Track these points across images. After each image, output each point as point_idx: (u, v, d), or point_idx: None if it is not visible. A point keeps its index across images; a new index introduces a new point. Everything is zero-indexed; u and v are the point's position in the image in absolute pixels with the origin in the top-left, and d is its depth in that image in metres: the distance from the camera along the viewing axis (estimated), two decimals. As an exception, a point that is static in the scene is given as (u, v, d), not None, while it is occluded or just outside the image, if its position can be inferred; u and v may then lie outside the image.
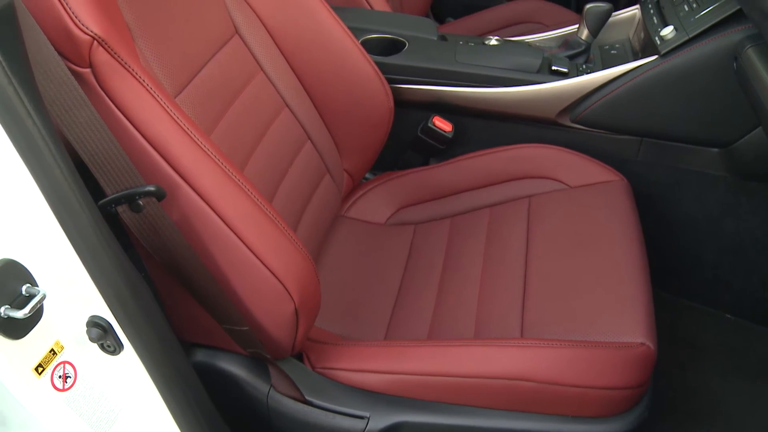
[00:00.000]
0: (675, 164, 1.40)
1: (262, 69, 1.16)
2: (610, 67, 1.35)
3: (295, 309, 0.91)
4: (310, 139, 1.23)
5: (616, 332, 0.99)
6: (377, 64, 1.28)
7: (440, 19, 2.51)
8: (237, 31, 1.14)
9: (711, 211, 1.43)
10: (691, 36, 1.25)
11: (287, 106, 1.20)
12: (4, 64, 0.61)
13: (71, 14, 0.76)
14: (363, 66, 1.24)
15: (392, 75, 1.39)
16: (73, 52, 0.77)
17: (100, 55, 0.78)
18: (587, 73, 1.36)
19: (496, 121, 1.46)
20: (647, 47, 1.40)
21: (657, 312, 1.05)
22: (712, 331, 1.54)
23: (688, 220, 1.46)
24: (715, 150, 1.35)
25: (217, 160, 0.85)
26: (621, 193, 1.27)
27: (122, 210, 0.81)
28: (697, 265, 1.52)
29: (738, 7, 1.19)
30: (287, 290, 0.88)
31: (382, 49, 1.46)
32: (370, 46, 1.46)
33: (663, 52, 1.28)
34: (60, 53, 0.77)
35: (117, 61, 0.79)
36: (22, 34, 0.66)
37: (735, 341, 1.52)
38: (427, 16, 2.41)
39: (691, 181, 1.41)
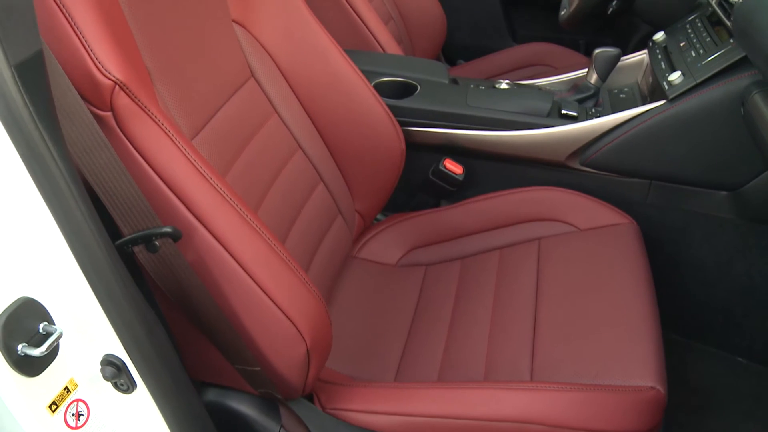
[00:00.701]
0: (684, 207, 1.40)
1: (276, 111, 1.19)
2: (619, 111, 1.36)
3: (307, 350, 0.91)
4: (322, 180, 1.25)
5: (626, 376, 0.98)
6: (389, 107, 1.30)
7: (451, 61, 2.55)
8: (253, 74, 1.17)
9: (721, 253, 1.43)
10: (698, 81, 1.27)
11: (301, 148, 1.22)
12: (31, 109, 0.63)
13: (95, 60, 0.78)
14: (375, 109, 1.27)
15: (404, 118, 1.41)
16: (95, 96, 0.79)
17: (121, 99, 0.80)
18: (596, 117, 1.38)
19: (507, 164, 1.47)
20: (655, 91, 1.42)
21: (667, 355, 1.05)
22: (723, 375, 1.53)
23: (698, 262, 1.46)
24: (724, 193, 1.36)
25: (232, 203, 0.86)
26: (630, 236, 1.28)
27: (138, 250, 0.82)
28: (708, 307, 1.51)
29: (743, 53, 1.21)
30: (299, 332, 0.89)
31: (394, 91, 1.49)
32: (383, 89, 1.48)
33: (671, 96, 1.30)
34: (83, 97, 0.79)
35: (137, 104, 0.81)
36: (49, 79, 0.68)
37: (747, 386, 1.51)
38: (438, 58, 2.44)
39: (701, 223, 1.41)
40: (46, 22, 0.77)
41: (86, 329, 0.71)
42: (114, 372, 0.73)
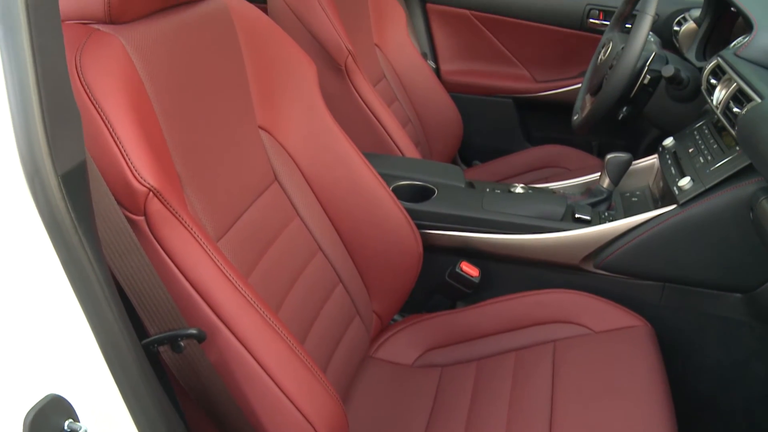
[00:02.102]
0: (699, 309, 1.41)
1: (298, 214, 1.23)
2: (631, 215, 1.39)
3: (326, 451, 0.92)
4: (341, 281, 1.28)
5: (644, 482, 0.98)
6: (407, 210, 1.33)
7: (468, 162, 2.59)
8: (276, 178, 1.22)
9: (738, 356, 1.42)
10: (707, 187, 1.30)
11: (321, 249, 1.25)
12: (72, 215, 0.67)
13: (132, 167, 0.83)
14: (394, 212, 1.30)
15: (422, 221, 1.45)
16: (130, 202, 0.83)
17: (154, 205, 0.84)
18: (609, 221, 1.41)
19: (522, 267, 1.49)
20: (666, 195, 1.45)
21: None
22: (745, 483, 1.50)
23: (715, 365, 1.45)
24: (739, 295, 1.36)
25: (255, 305, 0.89)
26: (645, 339, 1.29)
27: (164, 350, 0.85)
28: (727, 412, 1.49)
29: (750, 161, 1.24)
30: (318, 433, 0.90)
31: (412, 195, 1.53)
32: (401, 193, 1.53)
33: (681, 202, 1.33)
34: (118, 201, 0.83)
35: (168, 210, 0.86)
36: (90, 186, 0.73)
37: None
38: (454, 159, 2.49)
39: (716, 326, 1.41)
40: (89, 131, 0.81)
41: (110, 427, 0.73)
42: (136, 470, 0.74)
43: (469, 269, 1.48)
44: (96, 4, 0.88)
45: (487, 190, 1.55)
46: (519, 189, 1.56)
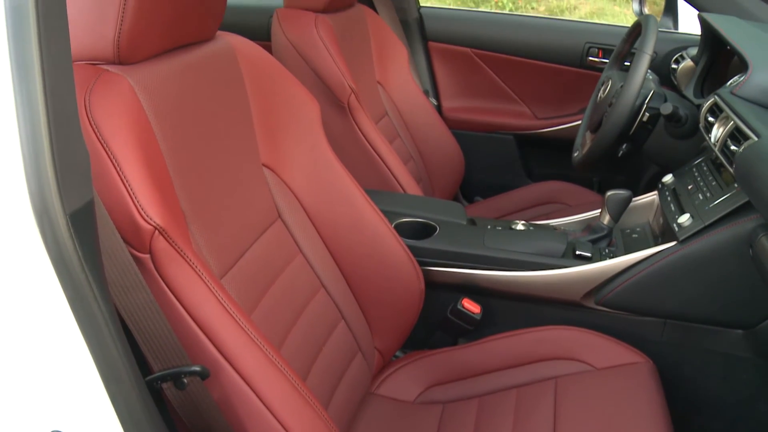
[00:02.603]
0: (700, 346, 1.41)
1: (301, 251, 1.24)
2: (632, 252, 1.40)
3: (326, 490, 0.92)
4: (344, 318, 1.29)
5: None
6: (409, 247, 1.35)
7: (469, 198, 2.61)
8: (280, 216, 1.23)
9: (741, 393, 1.42)
10: (706, 224, 1.31)
11: (324, 286, 1.26)
12: (80, 253, 0.68)
13: (138, 206, 0.84)
14: (396, 249, 1.32)
15: (424, 258, 1.45)
16: (136, 239, 0.84)
17: (160, 243, 0.85)
18: (610, 258, 1.42)
19: (524, 303, 1.50)
20: (666, 232, 1.46)
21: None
22: None
23: (718, 402, 1.45)
24: (741, 332, 1.36)
25: (258, 343, 0.90)
26: (647, 375, 1.29)
27: (167, 386, 0.85)
28: None
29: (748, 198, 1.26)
30: (321, 472, 0.90)
31: (414, 232, 1.54)
32: (403, 230, 1.54)
33: (681, 238, 1.34)
34: (124, 239, 0.84)
35: (173, 248, 0.87)
36: (97, 225, 0.74)
37: None
38: (456, 195, 2.51)
39: (718, 362, 1.41)
40: (96, 170, 0.82)
41: (114, 465, 0.73)
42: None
43: (470, 306, 1.48)
44: (106, 45, 0.91)
45: (489, 227, 1.57)
46: (520, 226, 1.57)
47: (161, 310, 0.85)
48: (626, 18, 5.95)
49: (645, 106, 1.64)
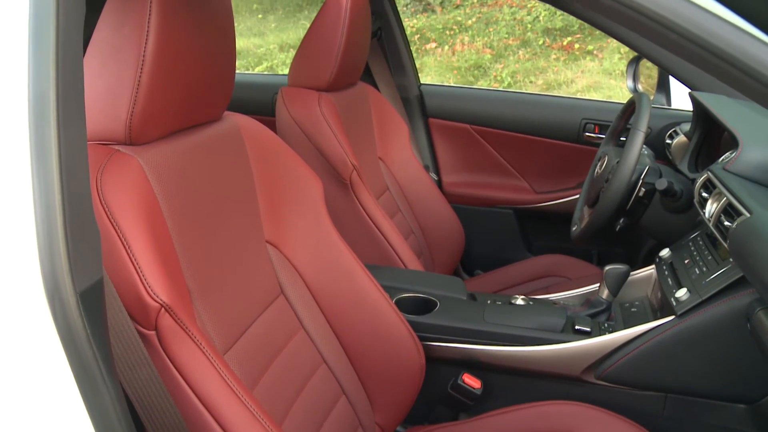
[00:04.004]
0: (702, 420, 1.40)
1: (303, 327, 1.25)
2: (631, 326, 1.41)
3: None
4: (344, 393, 1.29)
5: None
6: (410, 323, 1.36)
7: (470, 272, 2.61)
8: (282, 291, 1.25)
9: (746, 468, 1.41)
10: (703, 298, 1.32)
11: (325, 362, 1.27)
12: (88, 331, 0.70)
13: (145, 284, 0.86)
14: (397, 325, 1.33)
15: (424, 333, 1.46)
16: (142, 316, 0.86)
17: (166, 320, 0.87)
18: (609, 332, 1.43)
19: (524, 378, 1.50)
20: (665, 306, 1.46)
21: None
22: None
23: None
24: (743, 406, 1.36)
25: (260, 420, 0.90)
26: (649, 451, 1.28)
27: (170, 463, 0.86)
28: None
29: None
30: None
31: (415, 307, 1.55)
32: (404, 305, 1.55)
33: (679, 313, 1.35)
34: (131, 316, 0.86)
35: (179, 325, 0.88)
36: (105, 303, 0.76)
37: None
38: (456, 269, 2.52)
39: None
40: (106, 248, 0.85)
41: None
42: None
43: (471, 381, 1.48)
44: (118, 127, 0.94)
45: (489, 302, 1.58)
46: (520, 301, 1.58)
47: (165, 385, 0.86)
48: (621, 91, 6.04)
49: (641, 181, 1.67)
